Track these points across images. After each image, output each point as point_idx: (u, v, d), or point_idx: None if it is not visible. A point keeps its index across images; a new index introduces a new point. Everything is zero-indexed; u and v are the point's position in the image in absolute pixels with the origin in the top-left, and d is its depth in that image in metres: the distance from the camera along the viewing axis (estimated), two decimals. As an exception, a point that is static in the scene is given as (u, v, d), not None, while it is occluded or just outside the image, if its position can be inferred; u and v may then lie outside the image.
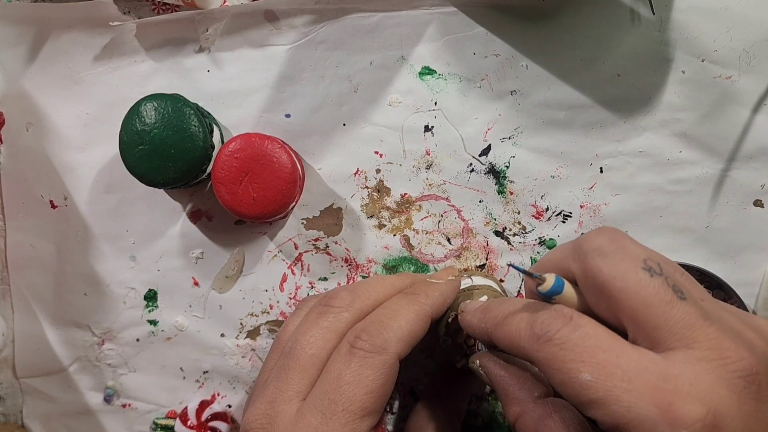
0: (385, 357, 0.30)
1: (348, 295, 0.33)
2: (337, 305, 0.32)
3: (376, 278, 0.35)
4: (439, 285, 0.36)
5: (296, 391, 0.30)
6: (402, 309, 0.32)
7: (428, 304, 0.34)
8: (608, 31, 0.43)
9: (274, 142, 0.42)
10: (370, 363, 0.29)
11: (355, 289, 0.33)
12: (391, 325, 0.31)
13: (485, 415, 0.48)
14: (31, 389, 0.50)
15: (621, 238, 0.25)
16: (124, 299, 0.48)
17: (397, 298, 0.34)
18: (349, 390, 0.29)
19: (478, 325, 0.30)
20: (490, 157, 0.45)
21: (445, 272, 0.38)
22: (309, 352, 0.31)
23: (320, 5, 0.44)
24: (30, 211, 0.48)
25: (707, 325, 0.22)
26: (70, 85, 0.46)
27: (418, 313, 0.33)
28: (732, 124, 0.44)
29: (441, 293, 0.35)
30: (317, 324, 0.32)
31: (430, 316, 0.33)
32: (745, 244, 0.45)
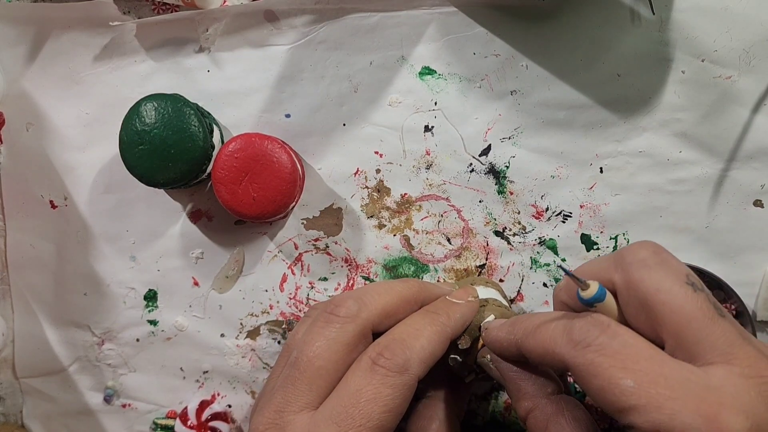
0: (407, 377, 0.30)
1: (354, 304, 0.32)
2: (344, 315, 0.31)
3: (381, 285, 0.34)
4: (460, 306, 0.35)
5: (305, 403, 0.30)
6: (425, 329, 0.32)
7: (450, 326, 0.33)
8: (608, 31, 0.43)
9: (274, 142, 0.42)
10: (390, 382, 0.29)
11: (361, 297, 0.32)
12: (414, 346, 0.31)
13: (485, 415, 0.48)
14: (31, 389, 0.50)
15: (663, 251, 0.26)
16: (124, 299, 0.48)
17: (420, 316, 0.33)
18: (368, 407, 0.29)
19: (506, 338, 0.30)
20: (490, 157, 0.45)
21: (465, 292, 0.37)
22: (316, 363, 0.30)
23: (320, 5, 0.44)
24: (30, 211, 0.48)
25: (746, 344, 0.23)
26: (70, 85, 0.46)
27: (440, 335, 0.32)
28: (732, 124, 0.44)
29: (462, 315, 0.34)
30: (323, 334, 0.31)
31: (450, 337, 0.33)
32: (745, 244, 0.45)
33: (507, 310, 0.37)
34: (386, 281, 0.35)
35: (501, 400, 0.47)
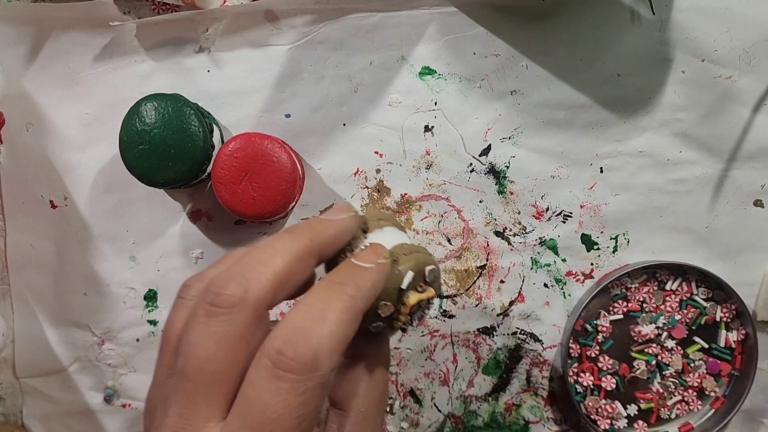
0: (318, 376, 0.24)
1: (237, 285, 0.25)
2: (228, 303, 0.25)
3: (265, 249, 0.27)
4: (370, 272, 0.28)
5: (207, 416, 0.25)
6: (331, 310, 0.26)
7: (360, 298, 0.27)
8: (608, 31, 0.43)
9: (274, 142, 0.42)
10: (300, 388, 0.24)
11: (245, 273, 0.26)
12: (321, 333, 0.25)
13: (485, 415, 0.48)
14: (31, 389, 0.50)
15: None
16: (124, 299, 0.48)
17: (322, 291, 0.27)
18: (280, 423, 0.24)
19: None
20: (490, 157, 0.45)
21: (372, 253, 0.30)
22: (209, 369, 0.24)
23: (320, 5, 0.44)
24: (30, 211, 0.48)
25: None
26: (70, 85, 0.46)
27: (350, 312, 0.26)
28: (732, 124, 0.44)
29: (373, 282, 0.28)
30: (207, 330, 0.25)
31: (362, 310, 0.27)
32: (745, 244, 0.45)
33: (421, 254, 0.31)
34: (270, 240, 0.28)
35: (501, 401, 0.47)
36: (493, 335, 0.47)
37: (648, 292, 0.45)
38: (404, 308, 0.30)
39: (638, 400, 0.45)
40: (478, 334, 0.47)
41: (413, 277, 0.30)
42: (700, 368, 0.45)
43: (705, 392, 0.45)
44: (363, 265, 0.29)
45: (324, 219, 0.30)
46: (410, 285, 0.30)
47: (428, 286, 0.31)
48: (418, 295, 0.30)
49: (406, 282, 0.30)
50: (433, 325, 0.47)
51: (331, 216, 0.30)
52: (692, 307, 0.45)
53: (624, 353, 0.45)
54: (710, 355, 0.45)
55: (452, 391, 0.48)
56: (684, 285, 0.45)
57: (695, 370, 0.45)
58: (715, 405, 0.45)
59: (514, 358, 0.47)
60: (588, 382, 0.45)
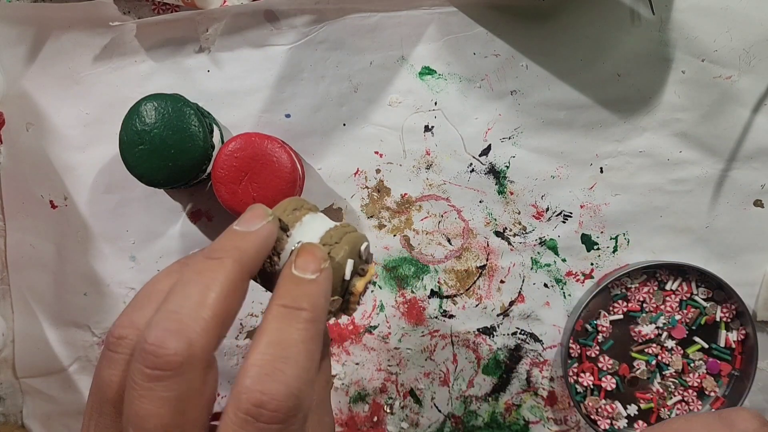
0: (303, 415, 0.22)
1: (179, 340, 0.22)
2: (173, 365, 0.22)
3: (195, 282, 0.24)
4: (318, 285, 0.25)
5: None
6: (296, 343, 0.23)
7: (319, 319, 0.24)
8: (608, 31, 0.43)
9: (274, 142, 0.42)
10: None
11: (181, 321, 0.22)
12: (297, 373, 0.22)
13: (485, 415, 0.48)
14: (31, 389, 0.50)
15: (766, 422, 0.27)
16: (124, 299, 0.48)
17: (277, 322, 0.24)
18: None
19: None
20: (490, 157, 0.45)
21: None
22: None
23: (320, 5, 0.44)
24: (30, 211, 0.48)
25: None
26: (70, 85, 0.46)
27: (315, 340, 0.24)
28: (732, 124, 0.44)
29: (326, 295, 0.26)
30: (157, 396, 0.22)
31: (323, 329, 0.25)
32: (745, 244, 0.45)
33: (349, 234, 0.29)
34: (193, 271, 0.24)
35: (501, 401, 0.47)
36: (493, 335, 0.47)
37: (648, 292, 0.45)
38: (353, 297, 0.29)
39: (638, 400, 0.45)
40: (478, 334, 0.47)
41: (355, 264, 0.28)
42: (700, 368, 0.45)
43: (705, 392, 0.45)
44: (307, 277, 0.25)
45: (243, 232, 0.27)
46: (353, 272, 0.28)
47: (367, 264, 0.29)
48: (364, 279, 0.29)
49: (348, 272, 0.28)
50: (433, 325, 0.47)
51: (248, 226, 0.27)
52: (692, 307, 0.45)
53: (624, 353, 0.45)
54: (710, 355, 0.45)
55: (452, 391, 0.48)
56: (684, 285, 0.45)
57: (695, 370, 0.45)
58: (715, 405, 0.45)
59: (514, 358, 0.47)
60: (588, 382, 0.45)
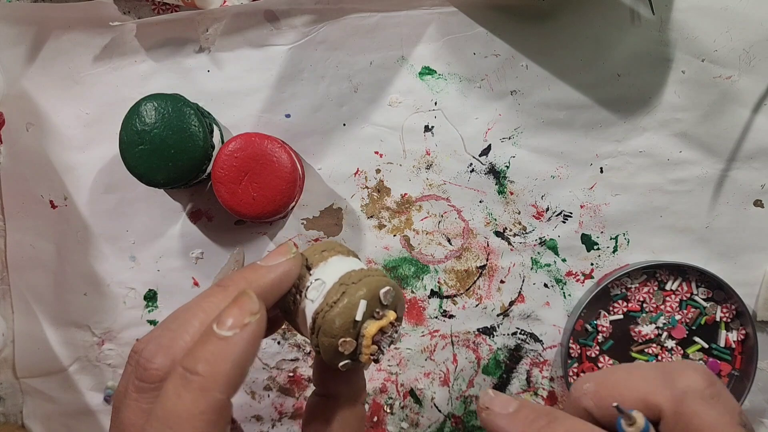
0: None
1: (165, 357, 0.23)
2: (156, 379, 0.23)
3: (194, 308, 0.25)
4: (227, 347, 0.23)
5: None
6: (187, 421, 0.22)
7: (219, 388, 0.22)
8: (608, 31, 0.43)
9: (274, 142, 0.42)
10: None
11: (171, 343, 0.24)
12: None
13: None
14: (31, 389, 0.50)
15: (717, 381, 0.24)
16: (124, 299, 0.48)
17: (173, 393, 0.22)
18: None
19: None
20: (490, 157, 0.45)
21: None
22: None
23: (320, 5, 0.44)
24: (30, 211, 0.48)
25: None
26: (70, 85, 0.46)
27: (209, 414, 0.22)
28: (732, 124, 0.44)
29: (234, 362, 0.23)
30: (139, 407, 0.23)
31: (228, 400, 0.23)
32: (745, 244, 0.45)
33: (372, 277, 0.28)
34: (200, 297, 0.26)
35: (501, 400, 0.47)
36: (493, 335, 0.47)
37: (648, 292, 0.45)
38: (365, 340, 0.27)
39: (638, 400, 0.45)
40: (478, 334, 0.47)
41: (367, 305, 0.27)
42: (700, 368, 0.45)
43: (705, 392, 0.45)
44: (222, 334, 0.23)
45: (260, 266, 0.27)
46: (366, 314, 0.27)
47: (387, 309, 0.28)
48: (378, 322, 0.28)
49: (360, 312, 0.27)
50: (433, 325, 0.47)
51: (269, 261, 0.27)
52: (692, 307, 0.45)
53: (624, 353, 0.45)
54: (710, 355, 0.45)
55: (452, 391, 0.48)
56: (684, 285, 0.45)
57: (695, 370, 0.45)
58: (715, 405, 0.45)
59: (514, 358, 0.47)
60: (588, 382, 0.45)
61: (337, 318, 0.27)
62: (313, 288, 0.28)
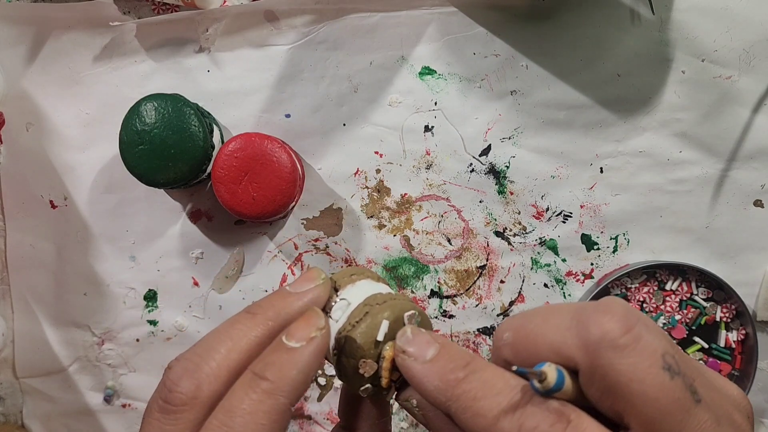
0: None
1: (189, 381, 0.24)
2: (180, 402, 0.24)
3: (222, 333, 0.26)
4: (295, 356, 0.25)
5: None
6: (244, 414, 0.23)
7: (282, 393, 0.24)
8: (608, 31, 0.43)
9: (274, 142, 0.42)
10: None
11: (197, 368, 0.25)
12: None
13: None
14: (31, 389, 0.50)
15: (635, 323, 0.21)
16: (124, 299, 0.48)
17: (238, 390, 0.24)
18: None
19: (432, 392, 0.23)
20: (490, 157, 0.45)
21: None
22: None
23: (320, 5, 0.44)
24: (30, 211, 0.48)
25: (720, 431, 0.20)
26: (70, 85, 0.46)
27: (269, 414, 0.24)
28: (732, 124, 0.44)
29: (300, 370, 0.25)
30: (161, 428, 0.24)
31: (290, 406, 0.25)
32: (745, 244, 0.45)
33: (398, 301, 0.29)
34: (228, 323, 0.26)
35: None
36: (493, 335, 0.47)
37: (648, 292, 0.45)
38: (385, 362, 0.27)
39: (638, 400, 0.45)
40: (478, 334, 0.47)
41: (389, 326, 0.27)
42: (700, 368, 0.45)
43: (705, 392, 0.45)
44: (289, 344, 0.25)
45: (288, 293, 0.27)
46: (388, 336, 0.27)
47: None
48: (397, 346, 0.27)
49: (381, 333, 0.27)
50: (433, 325, 0.47)
51: (298, 287, 0.27)
52: (692, 307, 0.45)
53: (624, 353, 0.45)
54: (710, 355, 0.45)
55: (452, 391, 0.48)
56: (684, 285, 0.45)
57: (695, 370, 0.45)
58: (715, 405, 0.45)
59: (514, 358, 0.47)
60: (588, 382, 0.45)
61: (359, 337, 0.27)
62: (338, 308, 0.28)
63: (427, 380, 0.23)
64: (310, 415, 0.48)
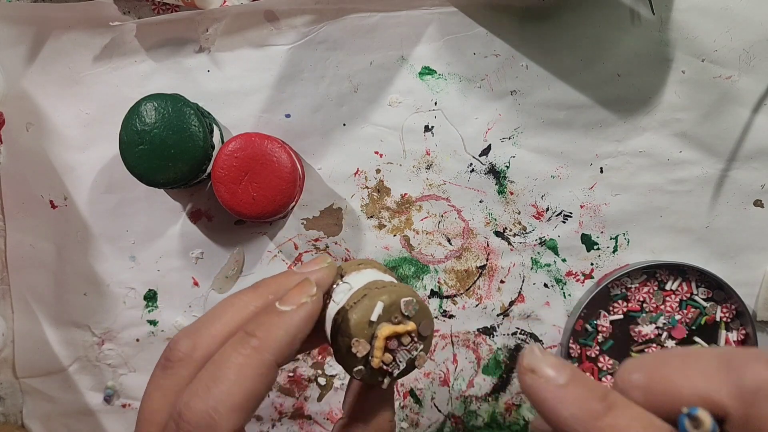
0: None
1: (187, 341, 0.27)
2: (176, 358, 0.26)
3: (225, 303, 0.28)
4: (284, 318, 0.26)
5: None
6: (232, 366, 0.25)
7: (269, 350, 0.25)
8: (608, 31, 0.43)
9: (274, 142, 0.42)
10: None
11: (197, 331, 0.27)
12: (219, 393, 0.24)
13: (485, 415, 0.48)
14: (31, 389, 0.50)
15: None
16: (124, 299, 0.48)
17: (229, 345, 0.26)
18: None
19: (568, 420, 0.21)
20: (490, 157, 0.45)
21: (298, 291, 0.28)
22: (155, 420, 0.26)
23: (320, 5, 0.44)
24: (30, 211, 0.48)
25: None
26: (70, 85, 0.46)
27: (255, 368, 0.25)
28: (732, 124, 0.44)
29: (287, 331, 0.26)
30: (158, 384, 0.26)
31: (275, 363, 0.26)
32: (745, 244, 0.45)
33: (399, 288, 0.29)
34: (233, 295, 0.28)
35: (501, 401, 0.47)
36: (493, 335, 0.47)
37: (648, 292, 0.45)
38: (377, 342, 0.28)
39: (638, 400, 0.45)
40: (478, 334, 0.47)
41: (384, 308, 0.28)
42: (700, 368, 0.45)
43: (705, 392, 0.45)
44: (281, 308, 0.27)
45: (294, 272, 0.29)
46: (382, 317, 0.28)
47: (407, 319, 0.28)
48: (392, 327, 0.28)
49: (375, 314, 0.28)
50: (433, 325, 0.47)
51: (304, 269, 0.29)
52: (692, 307, 0.45)
53: (624, 353, 0.45)
54: (710, 355, 0.45)
55: (452, 391, 0.48)
56: (684, 285, 0.45)
57: (695, 370, 0.45)
58: (715, 405, 0.45)
59: (514, 358, 0.47)
60: (588, 382, 0.45)
61: (354, 317, 0.28)
62: (340, 291, 0.29)
63: (563, 407, 0.22)
64: (310, 415, 0.48)
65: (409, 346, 0.29)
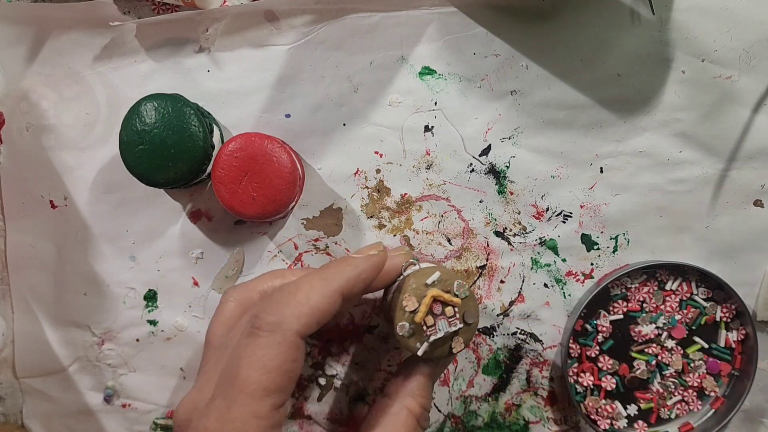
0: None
1: (276, 314, 0.31)
2: (266, 329, 0.30)
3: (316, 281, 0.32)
4: (352, 259, 0.34)
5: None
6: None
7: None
8: (608, 31, 0.43)
9: (274, 142, 0.42)
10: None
11: (287, 305, 0.31)
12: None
13: (485, 415, 0.48)
14: (31, 389, 0.50)
15: None
16: (124, 299, 0.48)
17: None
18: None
19: None
20: (490, 157, 0.45)
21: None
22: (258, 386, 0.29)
23: (320, 5, 0.44)
24: (30, 211, 0.48)
25: None
26: (70, 85, 0.46)
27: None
28: (732, 124, 0.44)
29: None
30: (252, 353, 0.30)
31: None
32: (745, 244, 0.45)
33: (454, 273, 0.35)
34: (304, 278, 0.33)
35: (501, 401, 0.47)
36: (493, 335, 0.47)
37: (648, 292, 0.45)
38: (425, 299, 0.33)
39: (638, 400, 0.45)
40: (478, 334, 0.47)
41: (439, 278, 0.33)
42: (700, 368, 0.45)
43: (705, 392, 0.45)
44: (352, 256, 0.34)
45: (352, 258, 0.35)
46: (436, 284, 0.33)
47: (455, 297, 0.34)
48: (439, 291, 0.33)
49: (432, 278, 0.33)
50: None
51: (360, 253, 0.35)
52: (692, 307, 0.45)
53: (624, 353, 0.45)
54: (710, 355, 0.45)
55: (452, 391, 0.48)
56: (684, 285, 0.45)
57: (695, 370, 0.45)
58: (715, 405, 0.45)
59: (514, 358, 0.47)
60: (588, 382, 0.45)
61: (413, 277, 0.34)
62: (409, 267, 0.37)
63: None
64: (310, 415, 0.48)
65: (451, 320, 0.33)
